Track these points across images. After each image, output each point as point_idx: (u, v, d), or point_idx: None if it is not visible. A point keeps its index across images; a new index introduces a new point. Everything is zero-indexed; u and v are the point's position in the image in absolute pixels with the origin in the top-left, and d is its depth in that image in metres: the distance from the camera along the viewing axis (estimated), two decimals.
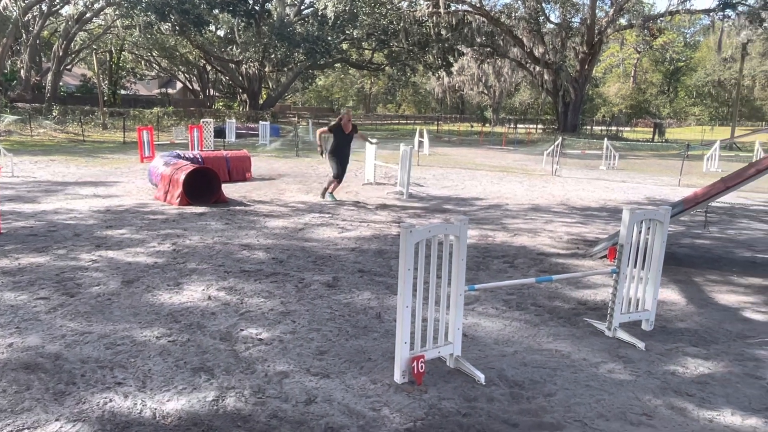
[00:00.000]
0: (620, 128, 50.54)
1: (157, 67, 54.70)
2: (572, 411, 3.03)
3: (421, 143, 21.17)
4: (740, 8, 30.62)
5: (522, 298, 4.87)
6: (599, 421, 2.94)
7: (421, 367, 3.26)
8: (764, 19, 28.73)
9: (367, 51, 45.49)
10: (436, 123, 51.83)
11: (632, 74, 73.08)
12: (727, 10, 31.04)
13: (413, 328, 3.25)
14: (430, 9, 33.28)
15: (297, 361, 3.53)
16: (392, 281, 5.17)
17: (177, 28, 34.27)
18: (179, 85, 60.41)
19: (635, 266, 4.15)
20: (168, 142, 21.15)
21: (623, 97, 71.94)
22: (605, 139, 19.62)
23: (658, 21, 37.84)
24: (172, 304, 4.49)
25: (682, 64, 72.54)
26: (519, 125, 52.80)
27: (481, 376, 3.31)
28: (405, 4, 34.83)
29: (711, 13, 31.76)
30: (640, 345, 3.90)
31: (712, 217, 9.19)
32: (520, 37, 35.69)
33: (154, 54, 49.23)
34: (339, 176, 9.69)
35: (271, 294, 4.80)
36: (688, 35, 67.11)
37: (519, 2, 36.29)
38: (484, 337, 4.01)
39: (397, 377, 3.27)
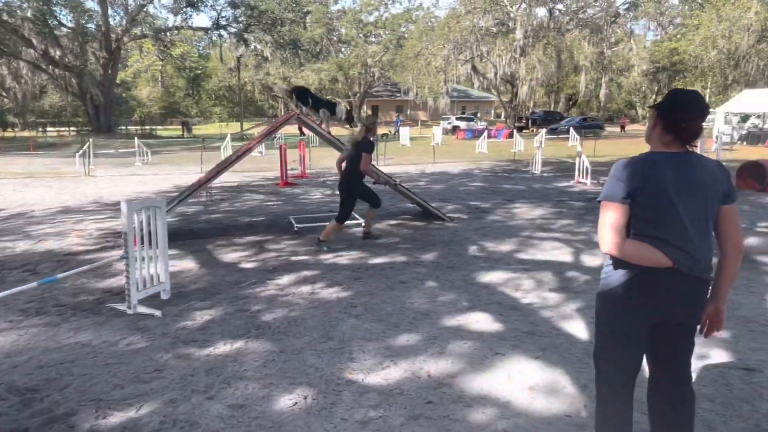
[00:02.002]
0: (155, 127, 49.65)
1: None
2: (88, 393, 2.87)
3: None
4: (230, 29, 34.10)
5: (42, 303, 4.26)
6: (115, 392, 2.88)
7: None
8: (247, 40, 32.90)
9: None
10: None
11: (160, 79, 72.21)
12: (220, 30, 34.09)
13: None
14: None
15: None
16: None
17: None
18: None
19: (148, 247, 4.18)
20: None
21: (155, 100, 70.59)
22: (135, 138, 18.94)
23: (169, 34, 38.30)
24: None
25: (200, 71, 75.83)
26: (51, 128, 45.23)
27: None
28: None
29: (209, 32, 34.27)
30: (158, 313, 3.99)
31: (224, 194, 10.13)
32: (29, 37, 30.09)
33: None
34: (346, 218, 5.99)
35: None
36: (200, 48, 70.56)
37: (23, 1, 30.35)
38: None
39: None
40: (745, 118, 28.67)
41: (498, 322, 3.86)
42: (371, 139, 5.73)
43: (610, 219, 1.85)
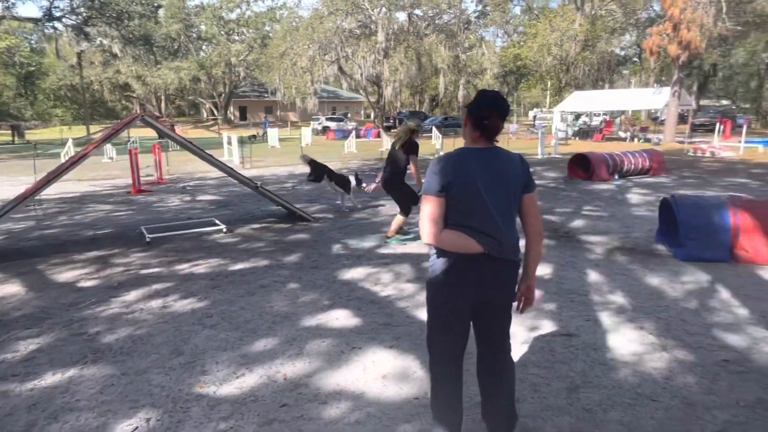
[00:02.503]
0: None
1: None
2: None
3: None
4: (66, 21, 30.31)
5: None
6: None
7: None
8: (89, 34, 29.54)
9: None
10: None
11: None
12: (54, 22, 30.11)
13: None
14: None
15: None
16: None
17: None
18: None
19: None
20: None
21: None
22: None
23: None
24: None
25: (34, 68, 66.43)
26: None
27: None
28: None
29: (39, 23, 30.05)
30: None
31: (62, 206, 9.03)
32: None
33: None
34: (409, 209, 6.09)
35: None
36: (33, 41, 61.98)
37: None
38: None
39: None
40: (577, 116, 32.87)
41: (357, 316, 3.95)
42: (416, 141, 5.87)
43: (428, 211, 1.98)
